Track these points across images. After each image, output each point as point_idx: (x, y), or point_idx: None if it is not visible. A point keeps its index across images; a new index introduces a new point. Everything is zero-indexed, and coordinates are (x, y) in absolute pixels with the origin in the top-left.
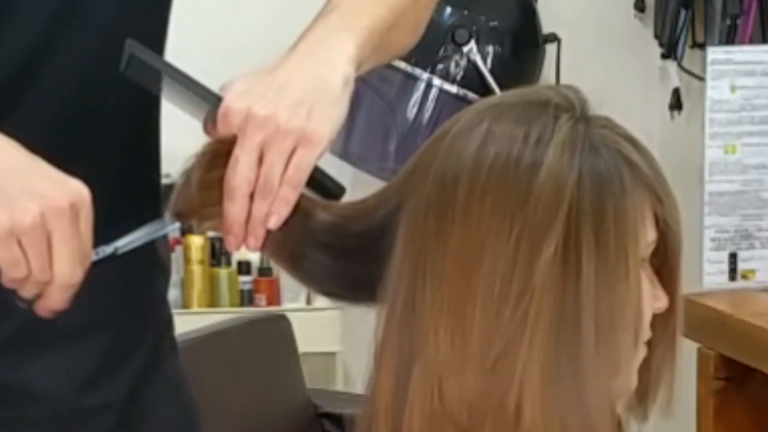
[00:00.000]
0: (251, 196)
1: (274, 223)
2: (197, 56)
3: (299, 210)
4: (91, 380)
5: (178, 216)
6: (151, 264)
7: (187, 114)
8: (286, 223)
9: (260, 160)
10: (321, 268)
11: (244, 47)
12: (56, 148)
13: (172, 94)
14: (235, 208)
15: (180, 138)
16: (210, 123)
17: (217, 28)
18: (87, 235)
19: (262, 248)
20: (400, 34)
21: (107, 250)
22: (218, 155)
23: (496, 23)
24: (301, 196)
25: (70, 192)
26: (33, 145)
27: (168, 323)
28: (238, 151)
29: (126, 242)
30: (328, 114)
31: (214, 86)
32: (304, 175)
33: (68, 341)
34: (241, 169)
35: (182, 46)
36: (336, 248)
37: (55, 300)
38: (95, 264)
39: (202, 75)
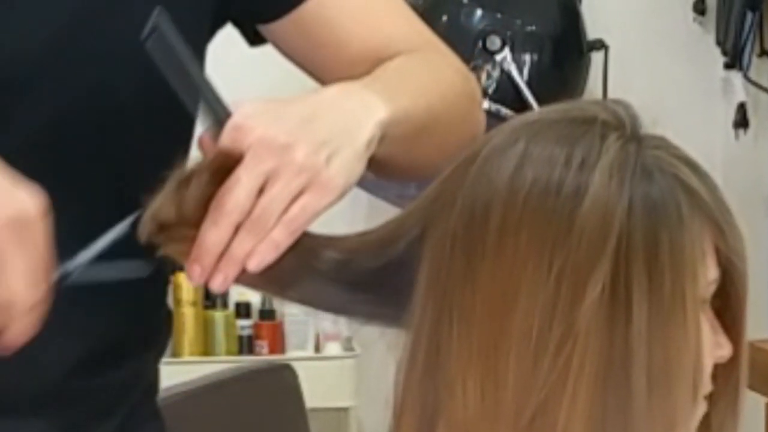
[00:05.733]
0: (236, 229)
1: (254, 265)
2: None
3: (297, 249)
4: None
5: (160, 227)
6: (138, 338)
7: (190, 114)
8: (269, 268)
9: (261, 191)
10: (320, 295)
11: None
12: (56, 156)
13: (182, 87)
14: (214, 235)
15: None
16: (210, 136)
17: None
18: (40, 252)
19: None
20: (425, 143)
21: (69, 267)
22: (220, 170)
23: (533, 28)
24: (303, 234)
25: (17, 204)
26: (31, 151)
27: (151, 389)
28: (241, 172)
29: (93, 271)
30: (348, 166)
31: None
32: (307, 222)
33: (17, 411)
34: (238, 193)
35: None
36: (343, 282)
37: (17, 329)
38: (59, 282)
39: None
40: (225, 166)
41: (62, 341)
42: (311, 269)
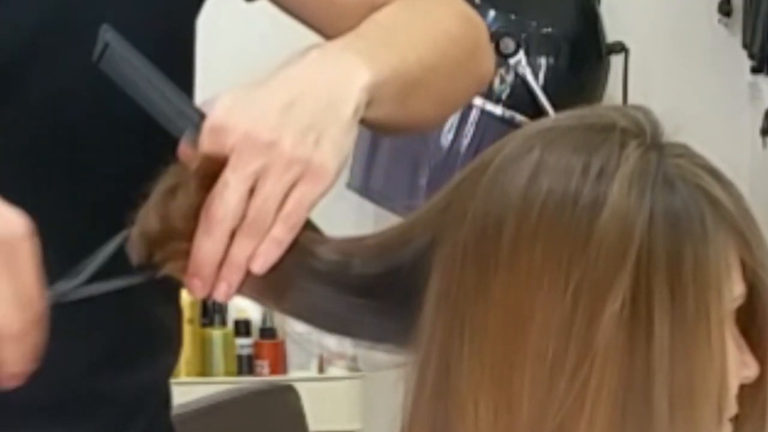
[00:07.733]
0: (232, 235)
1: (259, 266)
2: None
3: (295, 247)
4: None
5: (149, 244)
6: (151, 337)
7: (164, 126)
8: (273, 268)
9: (251, 191)
10: (321, 306)
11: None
12: (38, 167)
13: (147, 100)
14: (209, 245)
15: None
16: (190, 145)
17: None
18: (27, 275)
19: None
20: (421, 97)
21: (61, 288)
22: (207, 177)
23: (549, 30)
24: (302, 231)
25: (2, 227)
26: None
27: (167, 402)
28: (229, 176)
29: (89, 288)
30: (338, 145)
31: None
32: (305, 214)
33: (33, 421)
34: (229, 199)
35: None
36: (343, 286)
37: (10, 357)
38: (55, 307)
39: None
40: (211, 171)
41: (69, 339)
42: (311, 270)
